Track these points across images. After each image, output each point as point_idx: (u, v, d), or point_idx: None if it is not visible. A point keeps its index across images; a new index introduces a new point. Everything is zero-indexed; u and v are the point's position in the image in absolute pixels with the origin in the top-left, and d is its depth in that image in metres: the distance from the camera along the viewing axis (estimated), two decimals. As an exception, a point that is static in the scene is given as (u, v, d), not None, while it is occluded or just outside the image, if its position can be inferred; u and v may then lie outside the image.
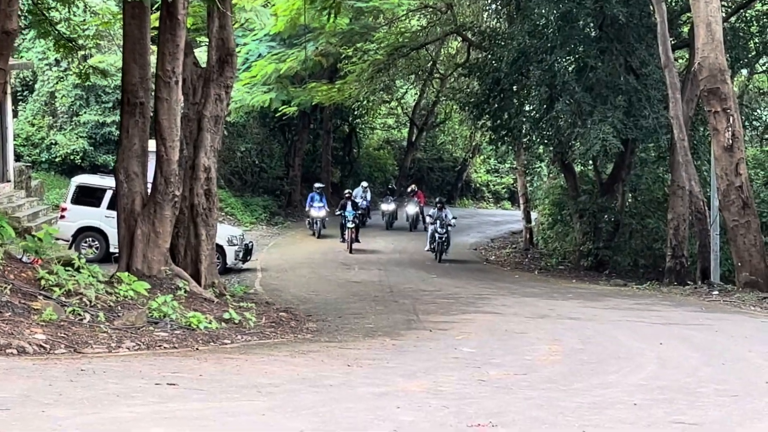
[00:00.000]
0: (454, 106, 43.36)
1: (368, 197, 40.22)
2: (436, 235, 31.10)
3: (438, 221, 31.35)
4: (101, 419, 6.46)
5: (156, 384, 8.21)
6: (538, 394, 8.36)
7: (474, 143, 51.69)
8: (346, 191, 36.71)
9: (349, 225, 32.52)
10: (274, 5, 28.07)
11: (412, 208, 40.96)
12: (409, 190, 43.25)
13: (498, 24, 33.39)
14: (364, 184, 40.89)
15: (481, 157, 57.31)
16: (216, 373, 9.17)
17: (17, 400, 7.04)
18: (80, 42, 21.62)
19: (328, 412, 7.17)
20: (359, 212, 35.59)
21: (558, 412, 7.46)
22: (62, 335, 10.49)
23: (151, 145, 16.41)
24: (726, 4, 28.34)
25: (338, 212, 33.83)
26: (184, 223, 17.11)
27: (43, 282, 12.31)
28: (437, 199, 34.42)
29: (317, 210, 35.76)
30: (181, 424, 6.53)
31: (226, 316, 13.62)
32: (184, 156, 17.18)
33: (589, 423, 6.99)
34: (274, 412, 7.12)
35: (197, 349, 11.14)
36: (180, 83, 16.24)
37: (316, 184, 37.27)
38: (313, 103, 36.54)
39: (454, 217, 32.79)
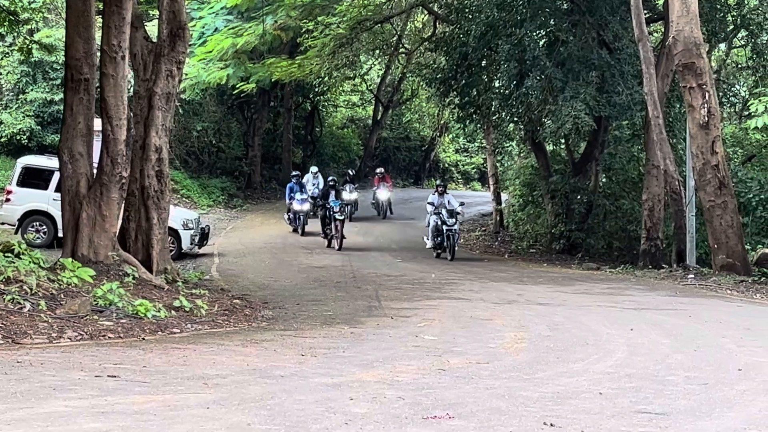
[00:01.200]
0: (421, 83, 43.22)
1: (320, 185, 35.49)
2: (444, 227, 26.95)
3: (443, 209, 27.37)
4: (33, 414, 6.36)
5: (96, 376, 8.12)
6: (500, 384, 8.31)
7: (442, 121, 51.72)
8: (295, 173, 34.91)
9: (338, 217, 28.73)
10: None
11: (384, 194, 38.62)
12: (377, 172, 40.96)
13: (466, -4, 33.30)
14: (314, 169, 37.86)
15: (450, 136, 57.34)
16: (161, 365, 9.08)
17: (-55, 395, 6.94)
18: (24, 15, 21.40)
19: (278, 405, 7.10)
20: (320, 201, 31.92)
21: (520, 402, 7.42)
22: (-1, 325, 10.38)
23: (98, 123, 16.26)
24: (702, -25, 28.38)
25: (319, 202, 31.13)
26: (135, 206, 17.01)
27: (-20, 269, 12.18)
28: (437, 182, 31.29)
29: (300, 203, 32.84)
30: (119, 418, 6.43)
31: (176, 303, 13.52)
32: (134, 135, 17.06)
33: (552, 414, 6.95)
34: (221, 405, 7.04)
35: (143, 339, 11.03)
36: (127, 58, 16.11)
37: (294, 172, 35.30)
38: (273, 80, 36.33)
39: (461, 203, 29.13)
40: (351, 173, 40.83)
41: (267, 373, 8.77)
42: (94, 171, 15.88)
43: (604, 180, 32.49)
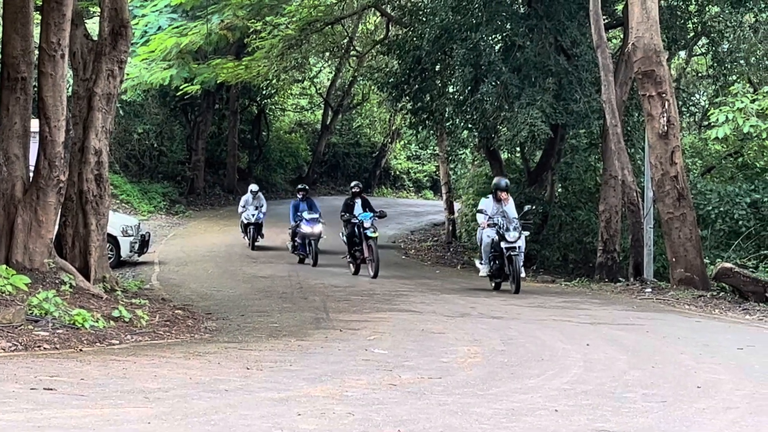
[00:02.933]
0: (372, 87, 43.33)
1: (263, 207, 31.30)
2: (503, 245, 20.27)
3: (498, 218, 20.84)
4: (-34, 428, 6.30)
5: (32, 389, 8.05)
6: (453, 400, 8.32)
7: (393, 127, 51.92)
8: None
9: (370, 234, 23.64)
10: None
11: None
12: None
13: (420, -1, 33.42)
14: (254, 187, 32.07)
15: (401, 143, 57.48)
16: (100, 377, 9.01)
17: None
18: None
19: (222, 420, 7.07)
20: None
21: (473, 419, 7.43)
22: (-71, 335, 10.26)
23: (34, 125, 16.13)
24: (663, -19, 28.65)
25: (343, 216, 24.92)
26: (73, 211, 16.87)
27: None
28: (498, 182, 22.33)
29: (310, 224, 27.31)
30: (55, 431, 6.39)
31: (115, 314, 13.42)
32: (72, 137, 16.91)
33: (506, 429, 6.97)
34: (162, 420, 7.00)
35: (81, 350, 10.94)
36: (67, 57, 15.97)
37: (299, 186, 30.63)
38: (218, 82, 36.20)
39: (532, 207, 24.22)
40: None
41: (211, 386, 8.73)
42: (31, 174, 15.73)
43: (560, 190, 32.69)
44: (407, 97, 32.50)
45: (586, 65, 27.84)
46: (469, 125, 32.02)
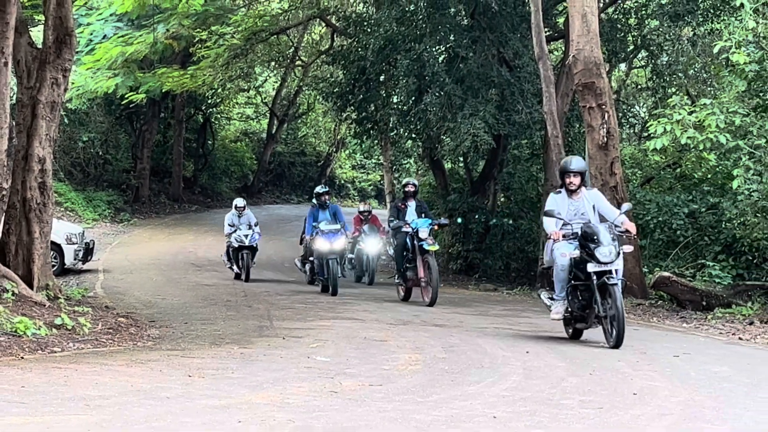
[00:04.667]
0: (317, 97, 43.41)
1: (252, 222, 26.21)
2: (594, 270, 12.93)
3: (579, 222, 13.46)
4: None
5: (-29, 397, 7.99)
6: (393, 407, 8.34)
7: (338, 136, 51.91)
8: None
9: (427, 246, 19.35)
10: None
11: (373, 245, 25.90)
12: (360, 211, 27.77)
13: (364, 9, 33.50)
14: (239, 202, 26.99)
15: (346, 152, 57.52)
16: (41, 385, 8.95)
17: None
18: None
19: (163, 427, 7.06)
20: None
21: (413, 426, 7.45)
22: None
23: (-23, 132, 15.99)
24: (604, -5, 28.88)
25: (392, 224, 20.79)
26: (16, 218, 16.72)
27: None
28: (564, 164, 13.86)
29: (328, 238, 21.49)
30: (-6, 441, 6.34)
31: (58, 321, 13.33)
32: (16, 145, 16.78)
33: (445, 438, 7.01)
34: (102, 428, 6.97)
35: (22, 358, 10.86)
36: (10, 65, 15.82)
37: (318, 189, 23.56)
38: (164, 91, 36.03)
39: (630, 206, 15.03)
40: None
41: (152, 394, 8.69)
42: (-27, 182, 15.60)
43: (502, 199, 32.81)
44: (352, 107, 32.51)
45: (528, 77, 27.97)
46: (413, 135, 32.10)
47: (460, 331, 15.36)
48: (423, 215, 19.96)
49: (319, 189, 23.40)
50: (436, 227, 19.91)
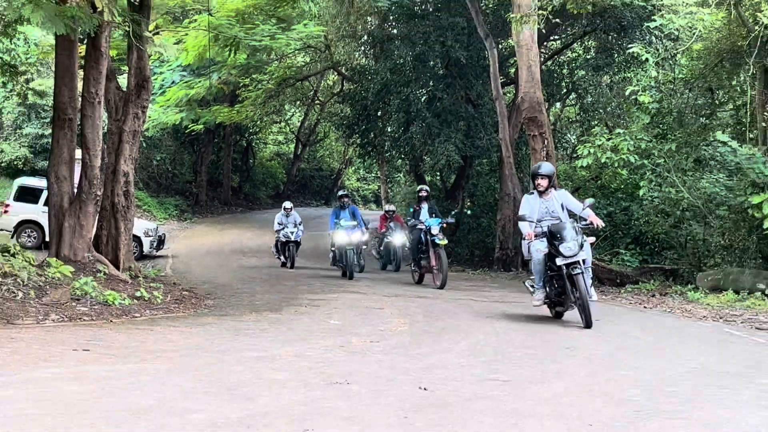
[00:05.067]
0: (331, 127, 43.37)
1: (297, 221, 24.37)
2: (559, 262, 11.66)
3: (550, 220, 12.22)
4: (24, 379, 6.24)
5: (73, 350, 7.99)
6: (387, 358, 8.35)
7: (347, 156, 51.77)
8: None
9: (438, 240, 18.31)
10: (185, 42, 27.66)
11: (399, 238, 23.76)
12: (387, 210, 25.58)
13: (366, 62, 33.45)
14: (288, 204, 25.10)
15: (353, 168, 57.41)
16: (125, 341, 8.95)
17: (-47, 364, 6.76)
18: (22, 68, 20.98)
19: (216, 373, 7.06)
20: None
21: (401, 372, 7.47)
22: (-3, 310, 10.14)
23: (78, 153, 16.01)
24: (544, 51, 28.87)
25: (409, 222, 19.90)
26: (107, 218, 16.71)
27: (-18, 265, 11.91)
28: (534, 169, 12.75)
29: (349, 231, 20.52)
30: (90, 382, 6.34)
31: (137, 294, 13.34)
32: (107, 163, 16.80)
33: (426, 380, 7.02)
34: (171, 373, 6.98)
35: (111, 321, 10.86)
36: (102, 103, 15.88)
37: (340, 192, 23.08)
38: (217, 122, 36.03)
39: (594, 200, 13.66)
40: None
41: (208, 348, 8.70)
42: (75, 190, 15.61)
43: (468, 203, 32.76)
44: (357, 135, 32.51)
45: (488, 112, 27.99)
46: (402, 155, 32.11)
47: (439, 302, 15.34)
48: (434, 215, 19.11)
49: (340, 192, 22.82)
50: (445, 225, 18.79)
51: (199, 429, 5.01)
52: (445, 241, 18.33)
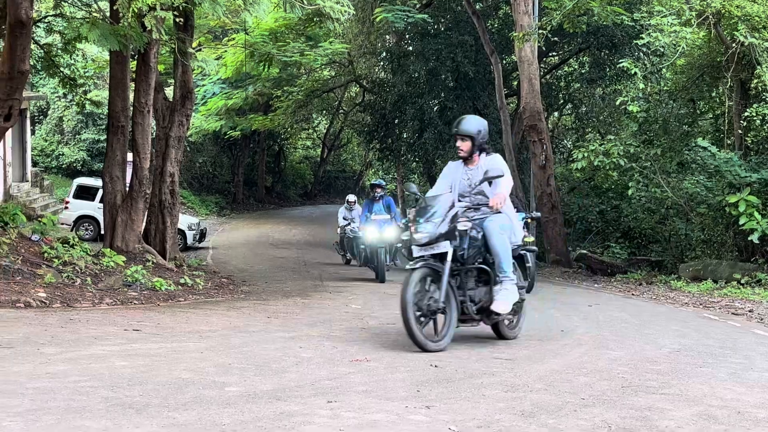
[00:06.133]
0: (353, 133, 43.33)
1: (361, 212, 18.67)
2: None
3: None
4: (81, 355, 6.28)
5: (125, 330, 8.03)
6: (403, 339, 8.31)
7: (367, 159, 51.74)
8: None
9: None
10: (224, 58, 27.71)
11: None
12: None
13: (384, 75, 33.42)
14: (351, 197, 21.11)
15: (372, 170, 57.38)
16: (170, 322, 8.99)
17: (20, 341, 6.82)
18: (80, 81, 21.09)
19: (250, 351, 7.08)
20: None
21: (415, 350, 7.44)
22: (58, 294, 10.20)
23: (129, 156, 16.09)
24: (543, 66, 28.77)
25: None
26: (155, 213, 16.81)
27: (45, 255, 12.00)
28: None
29: (380, 226, 16.37)
30: (140, 359, 6.37)
31: (182, 281, 13.40)
32: (155, 165, 16.88)
33: (436, 359, 7.01)
34: (211, 351, 7.00)
35: (159, 305, 10.92)
36: (151, 112, 15.96)
37: (375, 181, 18.53)
38: (252, 129, 36.20)
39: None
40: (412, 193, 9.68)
41: (243, 329, 8.72)
42: (126, 189, 15.69)
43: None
44: (376, 140, 32.51)
45: (493, 120, 27.85)
46: (417, 159, 32.08)
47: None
48: (515, 209, 15.01)
49: (373, 180, 17.35)
50: (529, 220, 14.69)
51: (234, 399, 5.03)
52: (531, 239, 13.27)
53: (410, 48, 29.82)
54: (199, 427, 4.34)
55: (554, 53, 30.06)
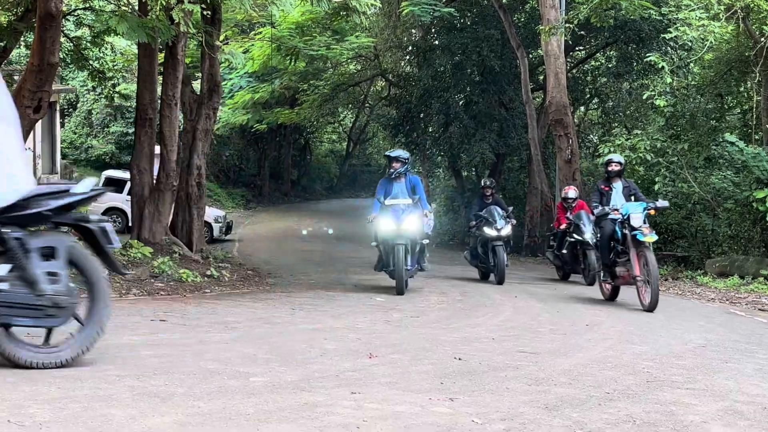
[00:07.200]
0: (379, 127, 43.25)
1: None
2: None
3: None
4: (109, 344, 6.32)
5: (151, 320, 8.09)
6: (426, 331, 8.34)
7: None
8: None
9: (643, 237, 10.88)
10: (251, 51, 27.78)
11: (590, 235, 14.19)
12: (569, 194, 16.82)
13: (410, 69, 33.33)
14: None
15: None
16: (196, 313, 9.04)
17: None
18: (109, 74, 21.25)
19: (275, 342, 7.10)
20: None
21: (439, 343, 7.45)
22: (86, 284, 10.28)
23: (157, 149, 16.18)
24: (570, 60, 28.56)
25: (595, 210, 11.85)
26: (182, 206, 16.91)
27: (74, 245, 12.08)
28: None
29: (397, 216, 12.19)
30: (166, 348, 6.41)
31: (208, 273, 13.46)
32: (182, 158, 16.96)
33: (460, 352, 6.99)
34: (236, 341, 7.02)
35: (185, 295, 10.98)
36: (178, 105, 16.04)
37: (392, 152, 13.94)
38: (278, 122, 36.22)
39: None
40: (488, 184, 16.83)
41: (268, 320, 8.76)
42: (154, 181, 15.77)
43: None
44: (402, 134, 32.40)
45: (519, 114, 27.77)
46: (442, 153, 31.95)
47: (472, 282, 15.32)
48: (633, 198, 12.02)
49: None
50: (652, 211, 11.48)
51: (259, 389, 5.05)
52: (654, 237, 11.00)
53: (436, 42, 29.70)
54: (223, 416, 4.36)
55: (581, 47, 29.83)
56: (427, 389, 5.30)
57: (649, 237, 10.86)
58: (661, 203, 11.89)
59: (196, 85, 21.29)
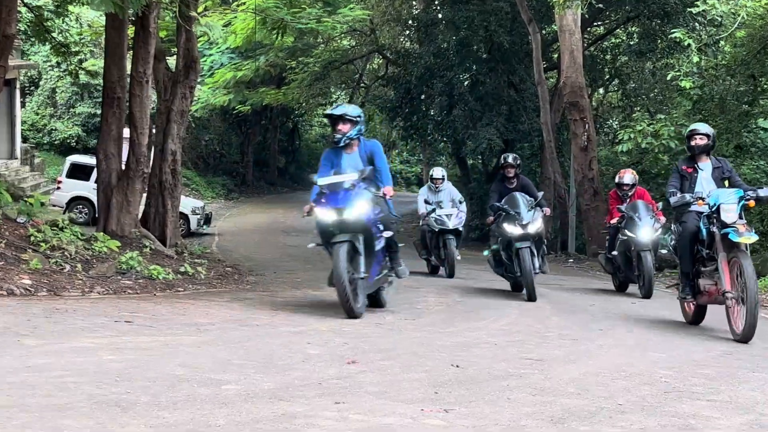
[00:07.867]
0: (376, 110, 43.24)
1: (461, 203, 16.25)
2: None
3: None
4: (65, 348, 6.29)
5: (116, 321, 8.04)
6: (421, 335, 8.31)
7: (391, 139, 51.65)
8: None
9: (737, 237, 8.32)
10: (233, 24, 27.72)
11: (646, 233, 13.52)
12: (625, 179, 14.58)
13: (410, 45, 33.37)
14: (438, 173, 16.55)
15: (396, 150, 57.35)
16: (166, 314, 9.00)
17: (-1, 332, 6.84)
18: (75, 48, 21.20)
19: (252, 346, 7.06)
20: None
21: (435, 348, 7.41)
22: (45, 281, 10.25)
23: (126, 132, 16.15)
24: (587, 37, 28.55)
25: (672, 199, 9.11)
26: (155, 195, 16.89)
27: (32, 238, 12.05)
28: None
29: (335, 202, 9.32)
30: (129, 352, 6.37)
31: (182, 269, 13.44)
32: (155, 142, 16.95)
33: (458, 358, 6.95)
34: (208, 345, 6.98)
35: (155, 294, 10.94)
36: (149, 82, 16.01)
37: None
38: (264, 104, 36.22)
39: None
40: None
41: (246, 322, 8.72)
42: (123, 168, 15.75)
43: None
44: (400, 118, 32.47)
45: (530, 97, 27.79)
46: (445, 139, 32.04)
47: (474, 282, 15.31)
48: (727, 183, 9.51)
49: (332, 110, 10.95)
50: (751, 203, 8.81)
51: (231, 398, 5.02)
52: (753, 237, 8.46)
53: (439, 15, 29.71)
54: (191, 427, 4.33)
55: (599, 23, 29.84)
56: (420, 399, 5.27)
57: (746, 237, 8.38)
58: (765, 191, 8.86)
59: (171, 61, 21.25)
